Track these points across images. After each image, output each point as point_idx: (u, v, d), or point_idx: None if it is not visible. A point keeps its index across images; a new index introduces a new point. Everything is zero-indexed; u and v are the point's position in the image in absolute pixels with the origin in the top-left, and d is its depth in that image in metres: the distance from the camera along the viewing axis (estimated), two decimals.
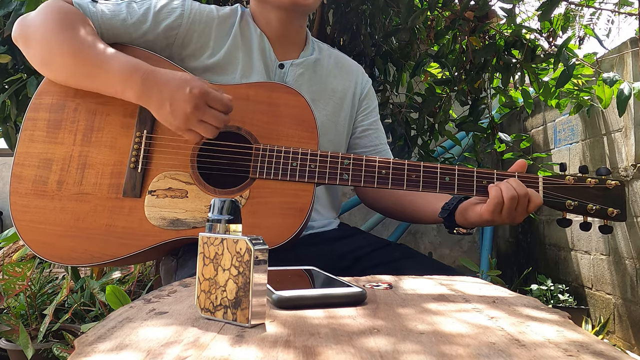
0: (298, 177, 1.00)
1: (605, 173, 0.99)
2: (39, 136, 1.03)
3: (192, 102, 0.93)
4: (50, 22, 1.00)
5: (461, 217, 1.04)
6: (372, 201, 1.27)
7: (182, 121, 0.95)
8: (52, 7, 1.02)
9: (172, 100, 0.94)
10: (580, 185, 0.99)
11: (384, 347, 0.46)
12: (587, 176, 1.00)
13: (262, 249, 0.54)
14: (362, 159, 1.02)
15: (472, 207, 1.01)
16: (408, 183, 1.00)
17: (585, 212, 0.99)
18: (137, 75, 0.96)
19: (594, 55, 2.13)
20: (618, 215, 0.98)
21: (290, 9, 1.12)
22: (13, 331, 2.00)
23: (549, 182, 0.99)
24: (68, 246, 0.99)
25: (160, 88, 0.95)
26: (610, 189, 0.98)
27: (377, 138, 1.28)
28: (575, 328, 0.54)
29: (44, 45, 1.01)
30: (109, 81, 0.98)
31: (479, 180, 0.99)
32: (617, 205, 0.98)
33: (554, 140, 3.65)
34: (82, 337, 0.49)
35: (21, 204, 1.01)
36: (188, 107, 0.93)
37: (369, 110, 1.28)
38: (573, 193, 0.99)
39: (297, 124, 1.04)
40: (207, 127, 0.96)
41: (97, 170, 1.02)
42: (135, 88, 0.96)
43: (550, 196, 0.99)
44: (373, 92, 1.31)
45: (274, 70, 1.15)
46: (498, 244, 4.59)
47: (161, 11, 1.08)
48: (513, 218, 0.96)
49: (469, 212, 1.02)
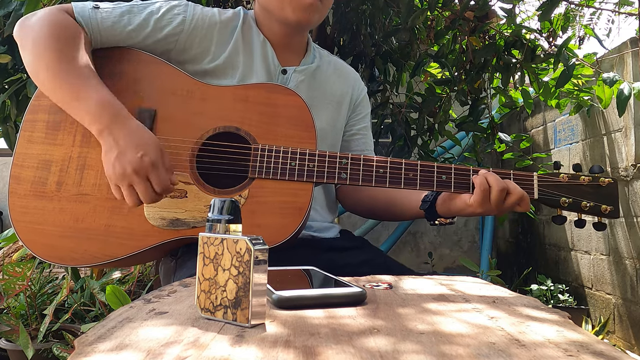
0: (297, 177, 1.00)
1: (598, 171, 1.01)
2: (37, 137, 1.03)
3: (136, 166, 0.92)
4: (44, 32, 1.00)
5: (443, 207, 1.05)
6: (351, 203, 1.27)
7: (117, 175, 0.94)
8: (50, 18, 1.02)
9: (120, 152, 0.93)
10: (574, 183, 1.00)
11: (384, 347, 0.46)
12: (581, 174, 1.01)
13: (262, 249, 0.54)
14: (360, 158, 1.02)
15: (456, 196, 1.03)
16: (405, 181, 1.01)
17: (580, 209, 1.00)
18: (107, 113, 0.95)
19: (594, 55, 2.13)
20: (611, 212, 0.99)
21: (294, 26, 1.13)
22: (13, 331, 2.00)
23: (543, 179, 1.01)
24: (68, 247, 0.99)
25: (120, 136, 0.94)
26: (603, 186, 1.00)
27: (364, 144, 1.29)
28: (575, 328, 0.54)
29: (33, 55, 1.01)
30: (80, 108, 0.97)
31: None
32: (610, 202, 1.00)
33: (554, 140, 3.65)
34: (82, 337, 0.49)
35: (20, 205, 1.00)
36: (129, 168, 0.92)
37: (362, 116, 1.30)
38: (567, 190, 1.00)
39: (296, 124, 1.04)
40: (132, 194, 0.94)
41: (96, 171, 1.01)
42: (99, 124, 0.95)
43: (545, 194, 1.01)
44: (367, 99, 1.33)
45: (276, 75, 1.15)
46: (498, 244, 4.59)
47: (163, 17, 1.08)
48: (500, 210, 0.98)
49: (453, 201, 1.03)
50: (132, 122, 0.97)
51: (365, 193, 1.22)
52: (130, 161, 0.92)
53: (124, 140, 0.94)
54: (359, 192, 1.23)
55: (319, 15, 1.14)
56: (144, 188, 0.93)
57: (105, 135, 0.95)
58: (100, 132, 0.96)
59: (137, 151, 0.93)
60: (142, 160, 0.93)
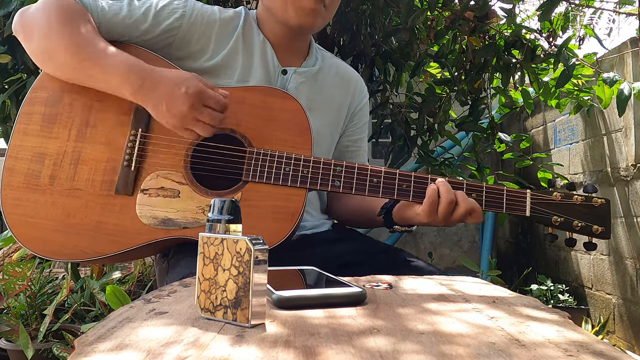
0: (290, 182, 1.00)
1: (592, 190, 1.00)
2: (33, 130, 1.03)
3: (189, 101, 0.94)
4: (52, 17, 1.00)
5: (397, 215, 1.06)
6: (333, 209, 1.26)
7: (178, 120, 0.96)
8: (56, 3, 1.02)
9: (168, 99, 0.95)
10: (567, 202, 1.00)
11: (384, 347, 0.46)
12: (575, 193, 1.01)
13: (262, 249, 0.54)
14: (355, 166, 1.01)
15: (410, 205, 1.03)
16: (399, 192, 1.01)
17: (571, 229, 1.00)
18: (134, 73, 0.97)
19: (594, 55, 2.12)
20: (602, 233, 0.99)
21: (296, 29, 1.12)
22: (13, 331, 2.00)
23: (536, 197, 1.00)
24: (58, 241, 0.98)
25: (157, 86, 0.96)
26: (596, 206, 0.99)
27: (356, 157, 1.27)
28: (575, 328, 0.54)
29: (44, 40, 1.01)
30: (106, 78, 0.99)
31: (468, 192, 0.99)
32: (601, 223, 0.99)
33: (554, 140, 3.65)
34: (82, 337, 0.49)
35: (13, 197, 1.00)
36: (184, 106, 0.94)
37: (359, 127, 1.28)
38: (559, 209, 1.00)
39: (291, 128, 1.04)
40: (203, 126, 0.97)
41: (90, 166, 1.01)
42: (132, 86, 0.97)
43: (537, 212, 1.00)
44: (367, 107, 1.31)
45: (276, 76, 1.14)
46: (498, 244, 4.59)
47: (162, 11, 1.08)
48: (448, 222, 0.97)
49: (405, 210, 1.04)
50: (157, 68, 0.99)
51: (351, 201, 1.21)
52: (182, 99, 0.95)
53: (162, 86, 0.96)
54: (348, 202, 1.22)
55: (322, 21, 1.13)
56: (207, 114, 0.96)
57: (142, 94, 0.97)
58: (136, 93, 0.97)
59: (179, 89, 0.95)
60: (189, 93, 0.95)
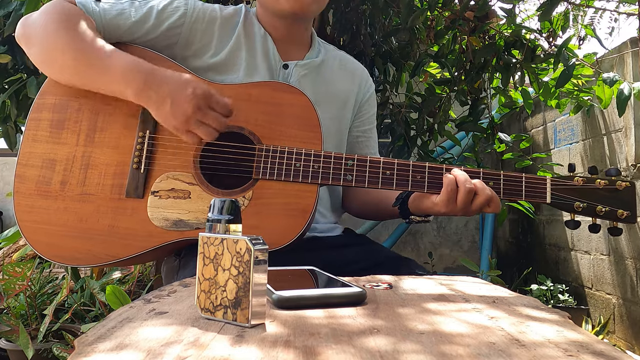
0: (301, 178, 0.99)
1: (615, 174, 0.96)
2: (42, 136, 1.03)
3: (194, 102, 0.93)
4: (52, 22, 1.00)
5: (413, 205, 1.04)
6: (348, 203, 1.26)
7: (181, 122, 0.94)
8: (54, 7, 1.02)
9: (172, 99, 0.93)
10: (590, 187, 0.96)
11: (384, 347, 0.46)
12: (597, 177, 0.97)
13: (262, 249, 0.54)
14: (367, 159, 1.00)
15: (426, 195, 1.00)
16: (413, 184, 0.98)
17: (594, 214, 0.96)
18: (137, 73, 0.96)
19: (594, 55, 2.12)
20: (628, 217, 0.95)
21: (291, 17, 1.12)
22: (13, 331, 2.00)
23: (557, 183, 0.97)
24: (71, 247, 0.98)
25: (161, 86, 0.95)
26: (620, 190, 0.95)
27: (367, 147, 1.27)
28: (575, 328, 0.54)
29: (45, 45, 1.01)
30: (108, 80, 0.98)
31: (485, 180, 0.97)
32: (627, 207, 0.95)
33: (554, 140, 3.65)
34: (82, 337, 0.49)
35: (25, 204, 1.00)
36: (189, 108, 0.93)
37: (367, 117, 1.27)
38: (582, 194, 0.96)
39: (301, 124, 1.02)
40: (207, 129, 0.95)
41: (100, 170, 1.01)
42: (135, 86, 0.96)
43: (559, 198, 0.96)
44: (374, 98, 1.30)
45: (277, 70, 1.14)
46: (498, 244, 4.59)
47: (164, 10, 1.08)
48: (467, 212, 0.95)
49: (422, 200, 1.02)
50: (161, 69, 0.97)
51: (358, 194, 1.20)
52: (187, 101, 0.92)
53: (166, 87, 0.94)
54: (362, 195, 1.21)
55: (317, 6, 1.12)
56: (212, 118, 0.95)
57: (145, 94, 0.95)
58: (139, 93, 0.95)
59: (185, 90, 0.93)
60: (195, 94, 0.93)
